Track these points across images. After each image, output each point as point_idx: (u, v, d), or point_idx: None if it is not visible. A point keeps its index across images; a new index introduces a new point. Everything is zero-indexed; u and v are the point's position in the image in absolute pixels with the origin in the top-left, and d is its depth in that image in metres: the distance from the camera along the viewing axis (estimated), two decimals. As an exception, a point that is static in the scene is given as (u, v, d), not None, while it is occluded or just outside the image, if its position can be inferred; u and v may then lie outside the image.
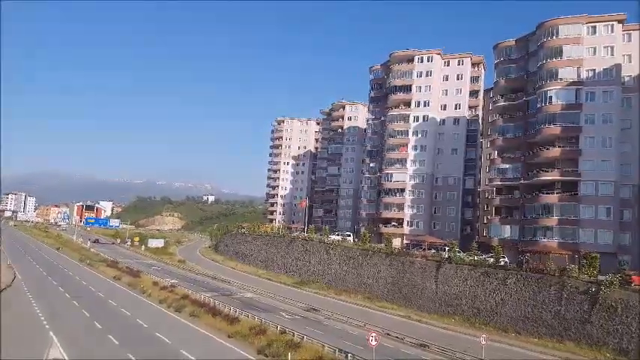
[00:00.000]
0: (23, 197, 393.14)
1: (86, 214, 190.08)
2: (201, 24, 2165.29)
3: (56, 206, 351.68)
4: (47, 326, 36.65)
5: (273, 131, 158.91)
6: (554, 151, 61.26)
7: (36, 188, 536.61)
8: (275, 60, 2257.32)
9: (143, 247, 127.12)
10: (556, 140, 61.73)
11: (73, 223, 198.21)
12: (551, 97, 61.97)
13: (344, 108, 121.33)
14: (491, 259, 53.89)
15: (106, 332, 36.03)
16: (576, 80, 60.85)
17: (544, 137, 62.41)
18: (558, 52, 62.48)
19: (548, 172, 61.57)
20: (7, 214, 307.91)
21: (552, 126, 61.32)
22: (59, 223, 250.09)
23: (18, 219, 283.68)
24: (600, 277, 42.80)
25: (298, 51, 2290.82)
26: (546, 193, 61.11)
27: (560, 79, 61.68)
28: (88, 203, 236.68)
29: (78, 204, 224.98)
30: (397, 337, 40.56)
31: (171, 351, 32.39)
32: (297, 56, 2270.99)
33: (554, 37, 63.08)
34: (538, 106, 63.31)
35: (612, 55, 60.03)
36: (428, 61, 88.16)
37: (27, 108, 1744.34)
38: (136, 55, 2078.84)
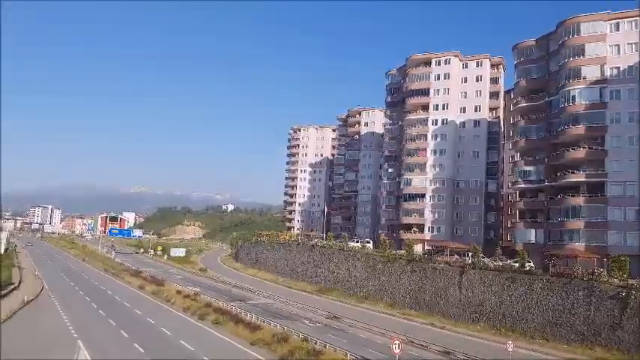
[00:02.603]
0: (49, 210, 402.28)
1: (110, 224, 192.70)
2: (207, 28, 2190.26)
3: (81, 218, 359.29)
4: (75, 335, 37.32)
5: (289, 139, 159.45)
6: (579, 152, 59.82)
7: (61, 201, 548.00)
8: (290, 66, 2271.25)
9: (166, 256, 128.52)
10: (581, 141, 60.29)
11: (98, 233, 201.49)
12: (574, 97, 60.64)
13: (360, 114, 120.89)
14: (517, 264, 52.68)
15: (132, 340, 36.43)
16: (600, 79, 59.42)
17: (568, 138, 61.04)
18: (580, 51, 61.20)
19: (573, 173, 60.10)
20: (34, 226, 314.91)
21: (576, 126, 59.95)
22: (84, 234, 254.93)
23: (45, 231, 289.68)
24: (631, 281, 41.52)
25: (312, 58, 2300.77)
26: (572, 196, 59.59)
27: (584, 77, 60.34)
28: (112, 214, 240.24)
29: (102, 215, 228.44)
30: (421, 345, 39.92)
31: (195, 359, 32.44)
32: (311, 63, 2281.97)
33: (575, 35, 61.83)
34: (561, 106, 62.02)
35: (637, 51, 58.52)
36: (445, 63, 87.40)
37: (51, 123, 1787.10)
38: (151, 60, 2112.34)
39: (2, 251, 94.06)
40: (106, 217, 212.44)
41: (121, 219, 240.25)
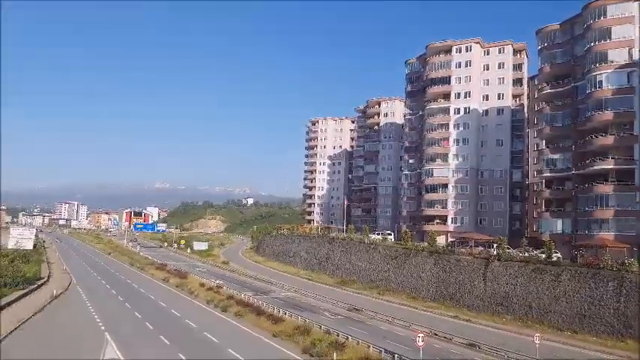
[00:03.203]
0: (76, 206, 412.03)
1: (134, 219, 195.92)
2: (225, 23, 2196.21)
3: (106, 213, 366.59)
4: (102, 327, 37.82)
5: (307, 132, 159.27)
6: (608, 139, 57.93)
7: (87, 197, 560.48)
8: (306, 59, 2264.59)
9: (189, 249, 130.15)
10: (609, 127, 58.42)
11: (123, 228, 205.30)
12: (601, 82, 58.70)
13: (379, 104, 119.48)
14: (543, 255, 51.38)
15: (157, 332, 36.80)
16: (628, 62, 57.30)
17: (595, 124, 59.21)
18: (607, 34, 59.12)
19: (601, 160, 58.28)
20: (62, 222, 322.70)
21: (604, 112, 58.03)
22: (109, 229, 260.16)
23: (71, 226, 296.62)
24: (664, 271, 40.04)
25: (329, 48, 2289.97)
26: (600, 184, 57.84)
27: (611, 61, 58.30)
28: (136, 209, 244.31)
29: (126, 210, 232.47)
30: (445, 338, 39.28)
31: (219, 350, 32.65)
32: (328, 54, 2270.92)
33: (601, 18, 59.73)
34: (587, 91, 60.12)
35: (666, 33, 56.24)
36: (466, 50, 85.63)
37: (80, 123, 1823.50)
38: (167, 56, 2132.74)
39: (31, 247, 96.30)
40: (131, 212, 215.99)
41: (145, 214, 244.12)
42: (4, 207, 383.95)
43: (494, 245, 58.73)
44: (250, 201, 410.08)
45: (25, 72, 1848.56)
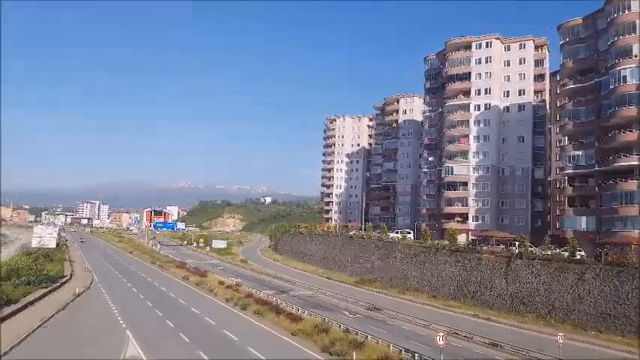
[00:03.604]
0: (97, 205, 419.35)
1: (155, 218, 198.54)
2: (245, 23, 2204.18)
3: (127, 212, 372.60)
4: (124, 325, 38.32)
5: (325, 130, 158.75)
6: (632, 135, 56.52)
7: (108, 197, 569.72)
8: (324, 56, 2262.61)
9: (208, 248, 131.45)
10: (633, 122, 56.94)
11: (143, 227, 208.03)
12: (625, 77, 57.25)
13: (398, 102, 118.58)
14: (566, 253, 50.53)
15: (178, 330, 37.16)
16: (653, 56, 55.88)
17: (619, 120, 57.83)
18: (631, 28, 57.62)
19: (625, 157, 56.89)
20: (84, 221, 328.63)
21: (628, 107, 56.61)
22: (130, 228, 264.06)
23: (93, 225, 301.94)
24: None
25: (346, 46, 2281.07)
26: (624, 180, 56.50)
27: (635, 56, 56.83)
28: (156, 209, 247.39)
29: (147, 209, 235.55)
30: (466, 337, 38.94)
31: (238, 348, 32.82)
32: (346, 51, 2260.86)
33: (625, 12, 58.23)
34: (611, 86, 58.74)
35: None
36: (486, 46, 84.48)
37: (100, 125, 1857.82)
38: (192, 59, 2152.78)
39: (54, 246, 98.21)
40: (151, 211, 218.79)
41: (165, 213, 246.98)
42: (26, 206, 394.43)
43: (516, 243, 58.00)
44: (268, 199, 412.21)
45: (51, 72, 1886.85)
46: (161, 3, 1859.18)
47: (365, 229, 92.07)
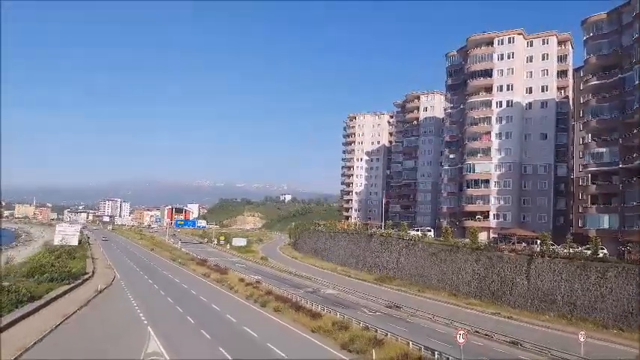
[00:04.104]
0: (119, 203, 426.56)
1: (175, 216, 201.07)
2: (263, 21, 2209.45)
3: (148, 210, 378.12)
4: (145, 321, 38.91)
5: (345, 128, 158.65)
6: (657, 131, 55.33)
7: (129, 194, 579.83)
8: (345, 55, 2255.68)
9: (228, 245, 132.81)
10: (659, 119, 55.74)
11: (164, 225, 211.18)
12: (650, 72, 56.00)
13: (419, 98, 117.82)
14: (589, 252, 49.88)
15: (198, 327, 37.68)
16: (680, 51, 54.54)
17: (644, 116, 56.58)
18: (658, 21, 56.34)
19: (650, 154, 55.73)
20: (105, 219, 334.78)
21: (653, 103, 55.42)
22: (152, 226, 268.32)
23: (115, 223, 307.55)
24: None
25: (369, 45, 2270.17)
26: (649, 178, 55.37)
27: (661, 51, 55.62)
28: (177, 206, 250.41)
29: (168, 207, 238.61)
30: (487, 335, 38.77)
31: (258, 344, 33.25)
32: (366, 49, 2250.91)
33: (652, 5, 56.93)
34: (635, 82, 57.40)
35: None
36: (509, 42, 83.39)
37: (121, 124, 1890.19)
38: (211, 56, 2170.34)
39: (77, 243, 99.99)
40: (172, 209, 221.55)
41: (185, 210, 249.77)
42: (49, 204, 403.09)
43: (538, 241, 57.41)
44: (288, 197, 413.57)
45: (53, 72, 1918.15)
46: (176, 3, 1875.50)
47: (385, 227, 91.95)
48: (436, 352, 30.41)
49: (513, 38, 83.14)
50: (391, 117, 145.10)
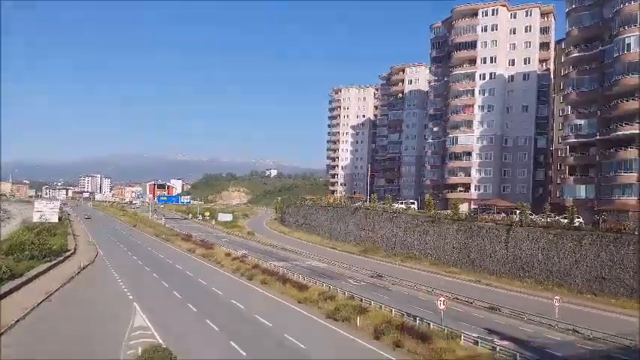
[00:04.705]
0: (99, 179, 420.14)
1: (158, 192, 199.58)
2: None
3: (130, 186, 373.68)
4: (130, 297, 38.90)
5: (330, 101, 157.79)
6: (634, 103, 56.30)
7: (110, 170, 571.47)
8: (332, 27, 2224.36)
9: (214, 221, 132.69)
10: (636, 91, 56.70)
11: (147, 201, 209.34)
12: (629, 45, 56.61)
13: (404, 71, 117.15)
14: (565, 220, 51.52)
15: (185, 301, 38.02)
16: (658, 24, 55.27)
17: (622, 89, 57.56)
18: (637, -6, 56.75)
19: (627, 125, 56.96)
20: (85, 195, 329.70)
21: (631, 76, 56.18)
22: (134, 202, 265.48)
23: (96, 199, 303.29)
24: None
25: (354, 15, 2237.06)
26: (625, 149, 56.81)
27: (640, 24, 56.31)
28: (160, 182, 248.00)
29: (150, 183, 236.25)
30: (466, 302, 40.21)
31: (246, 316, 33.95)
32: (352, 20, 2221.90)
33: (632, -22, 57.25)
34: (615, 55, 58.22)
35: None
36: (493, 14, 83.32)
37: (101, 96, 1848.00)
38: (194, 29, 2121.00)
39: (57, 220, 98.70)
40: (154, 184, 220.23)
41: (168, 186, 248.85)
42: (26, 181, 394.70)
43: (517, 212, 58.90)
44: (274, 172, 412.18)
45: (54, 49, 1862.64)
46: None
47: (370, 201, 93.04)
48: (417, 319, 31.56)
49: (497, 10, 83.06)
50: (376, 90, 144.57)
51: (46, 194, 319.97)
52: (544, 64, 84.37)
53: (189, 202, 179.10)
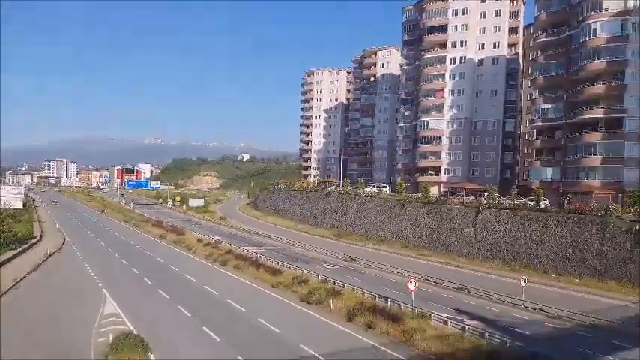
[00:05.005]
0: (65, 164, 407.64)
1: (126, 177, 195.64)
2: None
3: (97, 170, 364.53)
4: (100, 284, 38.36)
5: (302, 84, 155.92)
6: (598, 88, 58.12)
7: (76, 154, 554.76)
8: (303, 7, 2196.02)
9: (185, 206, 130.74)
10: (600, 76, 58.42)
11: (115, 186, 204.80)
12: (595, 30, 58.11)
13: (376, 54, 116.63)
14: (532, 203, 52.97)
15: (156, 287, 37.71)
16: (622, 10, 56.56)
17: (587, 73, 59.16)
18: (602, -20, 57.99)
19: (591, 109, 58.75)
20: (51, 180, 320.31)
21: (596, 61, 57.86)
22: (101, 187, 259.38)
23: (62, 185, 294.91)
24: (645, 216, 41.47)
25: None
26: (589, 132, 58.61)
27: (605, 9, 57.50)
28: (128, 166, 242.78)
29: (118, 167, 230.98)
30: (436, 282, 41.10)
31: (219, 302, 33.88)
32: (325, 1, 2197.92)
33: (598, -35, 58.38)
34: (581, 40, 59.59)
35: (663, -21, 55.28)
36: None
37: (62, 76, 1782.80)
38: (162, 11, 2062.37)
39: (21, 206, 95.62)
40: (122, 169, 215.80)
41: (137, 171, 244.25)
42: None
43: (485, 194, 60.17)
44: (246, 156, 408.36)
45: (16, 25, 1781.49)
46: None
47: (343, 185, 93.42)
48: (389, 300, 32.11)
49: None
50: (349, 73, 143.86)
51: (10, 180, 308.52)
52: (513, 48, 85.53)
53: (159, 187, 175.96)
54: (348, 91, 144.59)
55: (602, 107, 57.98)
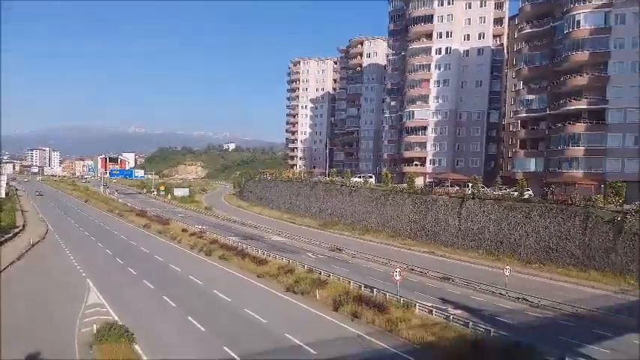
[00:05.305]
0: (47, 152, 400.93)
1: (110, 166, 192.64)
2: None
3: (81, 159, 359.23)
4: (84, 274, 38.04)
5: (289, 73, 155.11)
6: (581, 79, 58.77)
7: (59, 143, 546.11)
8: None
9: (169, 196, 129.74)
10: (583, 67, 59.08)
11: (99, 175, 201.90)
12: (579, 22, 58.62)
13: (362, 44, 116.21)
14: (516, 193, 53.56)
15: (141, 277, 37.54)
16: (606, 2, 57.13)
17: (571, 65, 59.77)
18: (587, -28, 58.39)
19: (575, 101, 59.43)
20: (34, 169, 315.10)
21: (580, 52, 58.48)
22: (85, 176, 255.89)
23: (44, 174, 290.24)
24: (626, 206, 42.21)
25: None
26: (572, 123, 59.35)
27: (589, 1, 58.05)
28: (112, 155, 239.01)
29: (101, 156, 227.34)
30: (421, 272, 41.43)
31: (203, 292, 33.76)
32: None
33: (582, -44, 58.70)
34: (565, 31, 60.10)
35: (645, -29, 55.78)
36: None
37: (46, 65, 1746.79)
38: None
39: (3, 195, 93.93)
40: (106, 158, 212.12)
41: (121, 160, 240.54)
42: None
43: (470, 185, 60.64)
44: (232, 146, 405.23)
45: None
46: None
47: (329, 175, 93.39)
48: (375, 290, 32.30)
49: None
50: (335, 63, 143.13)
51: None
52: (498, 39, 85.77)
53: (144, 177, 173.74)
54: (335, 80, 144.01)
55: (585, 98, 58.65)
